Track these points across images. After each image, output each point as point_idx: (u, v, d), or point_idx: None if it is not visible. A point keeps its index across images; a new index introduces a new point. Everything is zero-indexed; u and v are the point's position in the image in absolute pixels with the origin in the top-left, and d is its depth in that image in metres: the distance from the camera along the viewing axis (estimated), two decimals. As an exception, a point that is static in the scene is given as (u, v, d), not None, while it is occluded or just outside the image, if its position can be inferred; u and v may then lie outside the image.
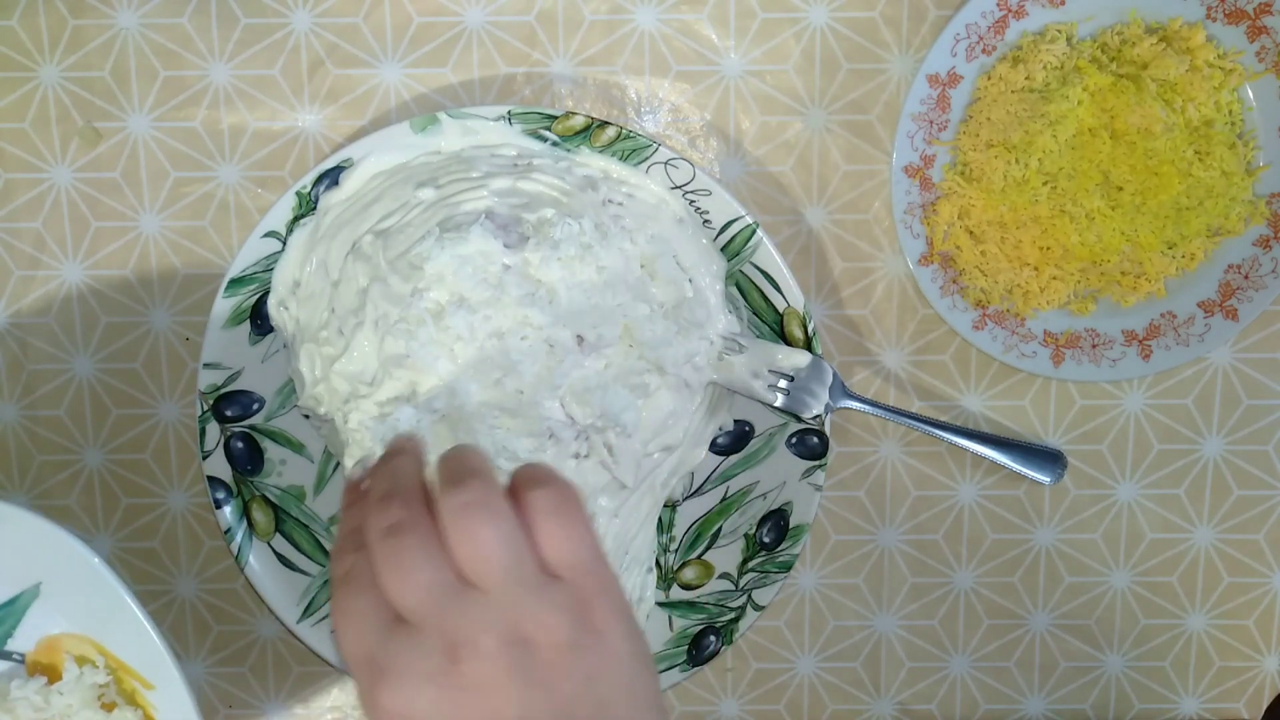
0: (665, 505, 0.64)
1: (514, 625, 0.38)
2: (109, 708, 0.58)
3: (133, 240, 0.65)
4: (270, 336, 0.63)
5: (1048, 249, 0.62)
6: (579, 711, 0.38)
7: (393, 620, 0.38)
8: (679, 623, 0.64)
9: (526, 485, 0.40)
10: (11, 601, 0.58)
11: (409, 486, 0.41)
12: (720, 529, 0.64)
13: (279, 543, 0.63)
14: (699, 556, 0.65)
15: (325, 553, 0.64)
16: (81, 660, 0.58)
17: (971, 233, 0.63)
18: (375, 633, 0.38)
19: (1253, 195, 0.62)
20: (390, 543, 0.38)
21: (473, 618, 0.38)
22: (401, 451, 0.43)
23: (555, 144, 0.62)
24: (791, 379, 0.62)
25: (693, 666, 0.64)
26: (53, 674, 0.58)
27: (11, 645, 0.59)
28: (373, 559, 0.39)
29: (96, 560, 0.55)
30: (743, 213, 0.61)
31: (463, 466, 0.40)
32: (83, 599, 0.57)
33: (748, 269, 0.62)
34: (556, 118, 0.61)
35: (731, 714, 0.69)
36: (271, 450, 0.63)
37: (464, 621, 0.38)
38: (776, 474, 0.64)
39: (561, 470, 0.58)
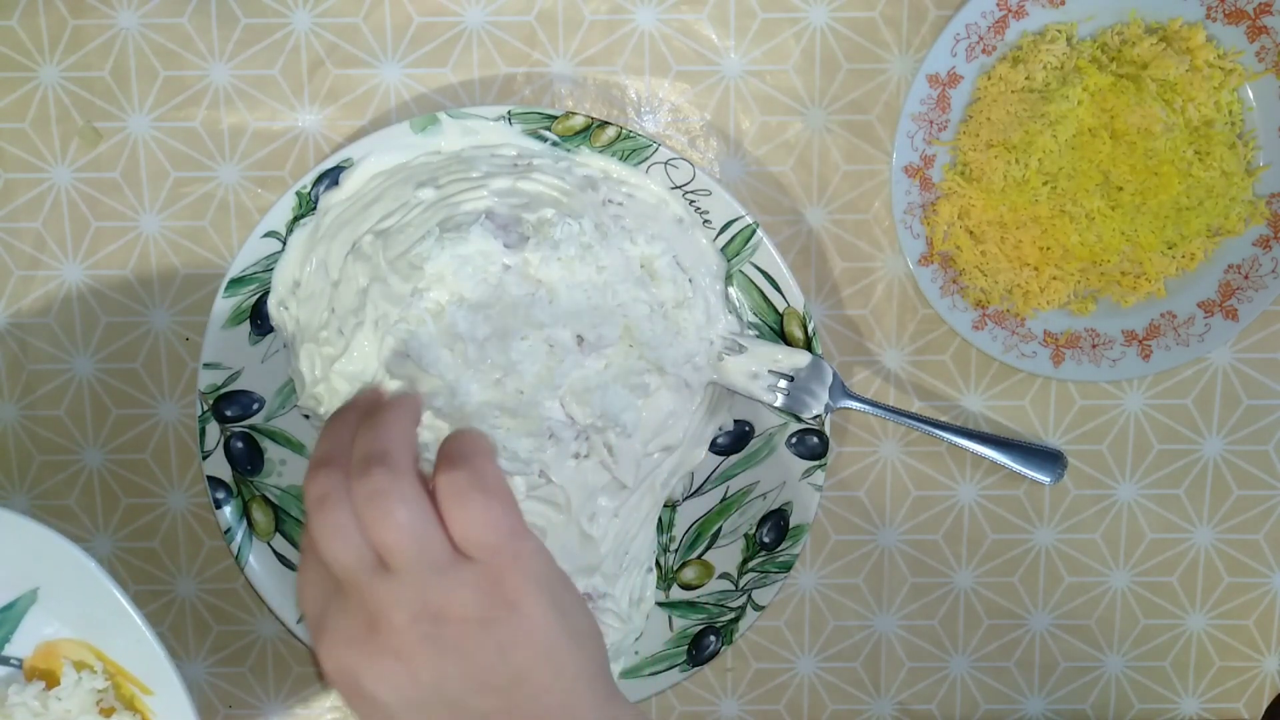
0: (665, 505, 0.64)
1: (423, 603, 0.40)
2: (107, 713, 0.58)
3: (133, 240, 0.65)
4: (270, 336, 0.63)
5: (1048, 249, 0.62)
6: (494, 679, 0.40)
7: (335, 584, 0.42)
8: (679, 623, 0.64)
9: (440, 466, 0.41)
10: (9, 606, 0.58)
11: (331, 454, 0.42)
12: (720, 529, 0.64)
13: (279, 543, 0.63)
14: (699, 556, 0.65)
15: (325, 553, 0.64)
16: (80, 665, 0.58)
17: (971, 233, 0.63)
18: (322, 595, 0.42)
19: (1253, 195, 0.62)
20: (322, 515, 0.40)
21: (384, 595, 0.40)
22: (385, 407, 0.43)
23: (555, 144, 0.62)
24: (791, 379, 0.62)
25: (693, 666, 0.64)
26: (51, 679, 0.58)
27: (9, 650, 0.59)
28: (309, 526, 0.41)
29: (93, 565, 0.55)
30: (743, 213, 0.61)
31: (374, 449, 0.41)
32: (81, 604, 0.57)
33: (748, 269, 0.62)
34: (556, 118, 0.61)
35: (731, 714, 0.69)
36: (271, 450, 0.63)
37: (378, 597, 0.40)
38: (776, 474, 0.64)
39: (561, 470, 0.58)
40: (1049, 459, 0.64)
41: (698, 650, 0.64)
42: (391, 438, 0.41)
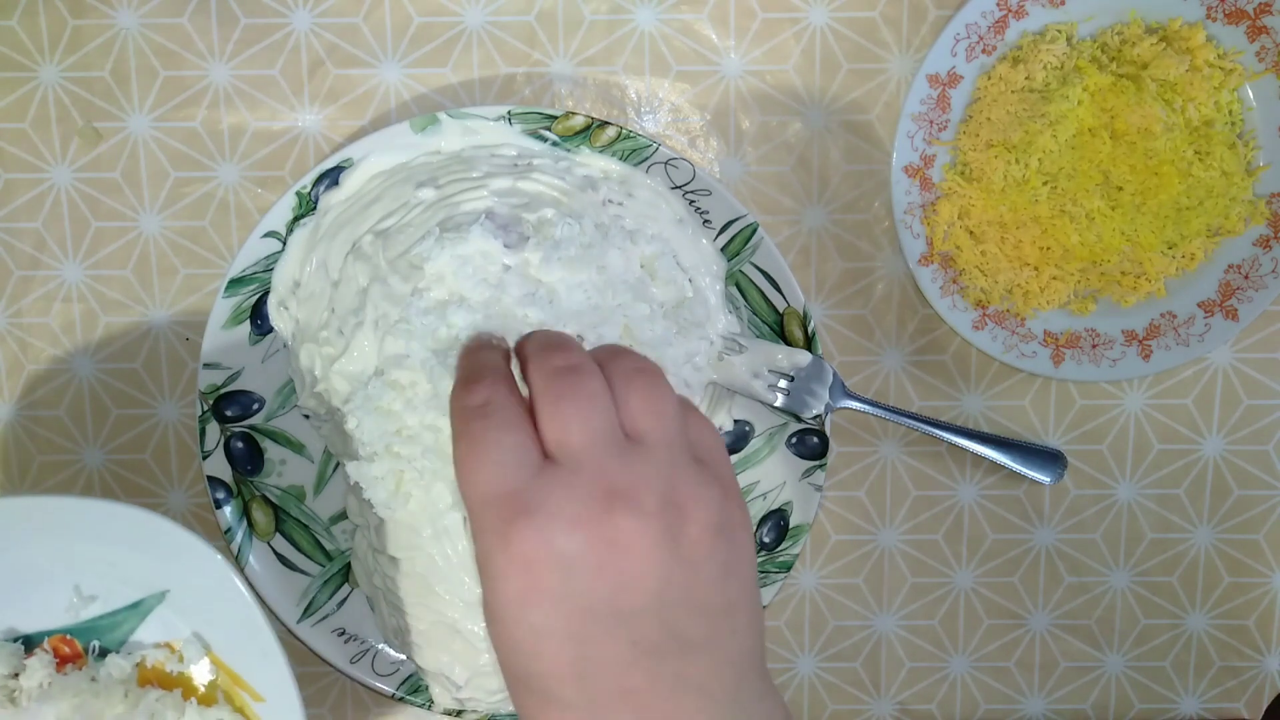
0: (665, 505, 0.64)
1: (674, 489, 0.36)
2: (207, 701, 0.58)
3: (133, 240, 0.65)
4: (270, 336, 0.63)
5: (1048, 249, 0.62)
6: (713, 601, 0.36)
7: (542, 460, 0.37)
8: (679, 623, 0.64)
9: (615, 360, 0.41)
10: (135, 605, 0.59)
11: (570, 340, 0.41)
12: (720, 529, 0.64)
13: (279, 543, 0.63)
14: (699, 556, 0.65)
15: (325, 553, 0.64)
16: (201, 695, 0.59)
17: (971, 233, 0.63)
18: (522, 468, 0.36)
19: (1253, 195, 0.62)
20: (568, 380, 0.37)
21: (639, 471, 0.36)
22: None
23: (555, 144, 0.62)
24: (791, 379, 0.62)
25: (693, 666, 0.64)
26: (163, 680, 0.59)
27: (128, 647, 0.59)
28: (541, 393, 0.37)
29: (230, 570, 0.55)
30: (743, 212, 0.61)
31: (616, 346, 0.40)
32: (209, 610, 0.58)
33: (748, 269, 0.62)
34: (556, 118, 0.61)
35: (731, 714, 0.69)
36: (271, 450, 0.63)
37: (629, 473, 0.36)
38: (776, 474, 0.64)
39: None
40: (1049, 459, 0.64)
41: (698, 650, 0.64)
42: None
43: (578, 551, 0.35)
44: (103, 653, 0.59)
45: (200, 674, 0.59)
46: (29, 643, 0.58)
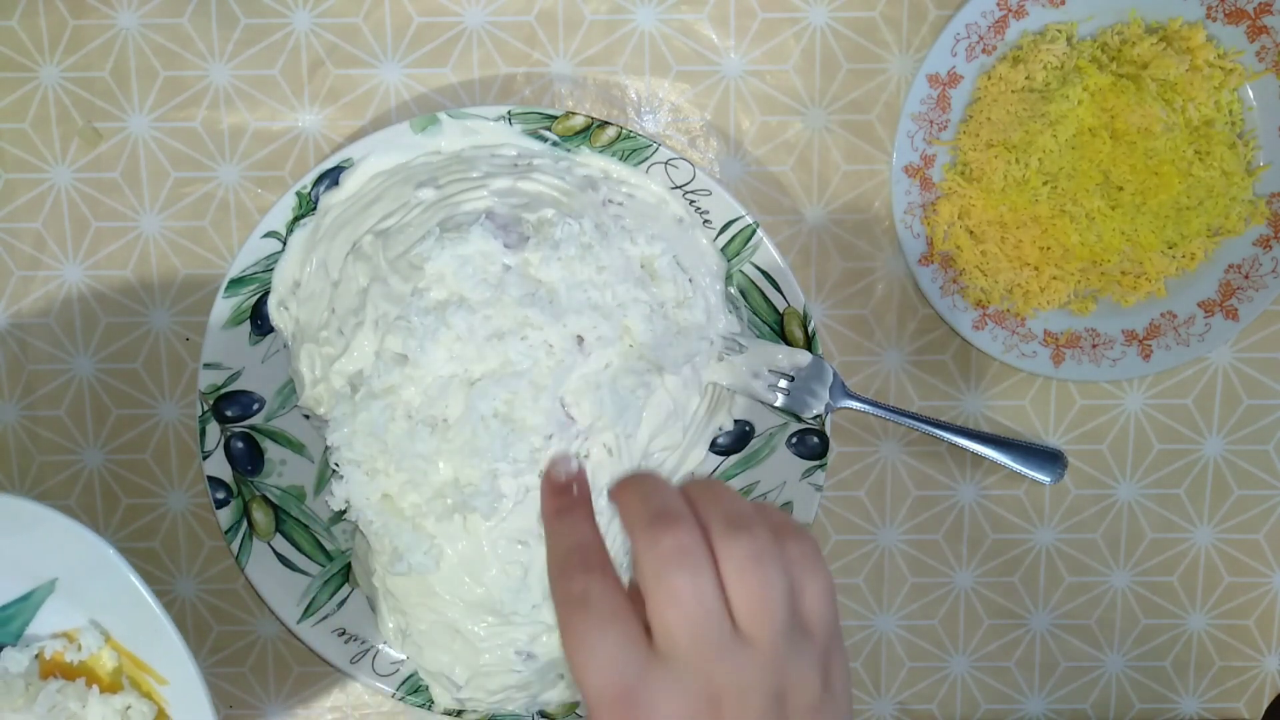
0: (665, 505, 0.64)
1: (779, 682, 0.36)
2: (113, 689, 0.58)
3: (133, 240, 0.65)
4: (270, 336, 0.63)
5: (1048, 249, 0.62)
6: None
7: (648, 653, 0.37)
8: (679, 623, 0.64)
9: (781, 533, 0.38)
10: (25, 597, 0.58)
11: (679, 511, 0.38)
12: (720, 529, 0.64)
13: (279, 543, 0.63)
14: (699, 556, 0.65)
15: (325, 553, 0.64)
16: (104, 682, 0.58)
17: (971, 233, 0.63)
18: (630, 664, 0.36)
19: (1253, 195, 0.62)
20: (674, 574, 0.36)
21: (745, 670, 0.36)
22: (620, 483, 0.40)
23: (555, 144, 0.62)
24: (792, 379, 0.62)
25: (693, 666, 0.64)
26: (64, 670, 0.58)
27: (26, 637, 0.59)
28: (647, 578, 0.37)
29: (113, 553, 0.54)
30: (743, 213, 0.61)
31: (734, 509, 0.38)
32: (99, 594, 0.57)
33: (748, 269, 0.62)
34: (556, 118, 0.61)
35: (732, 714, 0.69)
36: (271, 450, 0.63)
37: (736, 672, 0.36)
38: (777, 474, 0.64)
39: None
40: (1049, 459, 0.64)
41: (698, 650, 0.64)
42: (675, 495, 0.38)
43: None
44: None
45: (103, 661, 0.58)
46: None
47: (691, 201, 0.62)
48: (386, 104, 0.64)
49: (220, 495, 0.62)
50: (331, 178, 0.61)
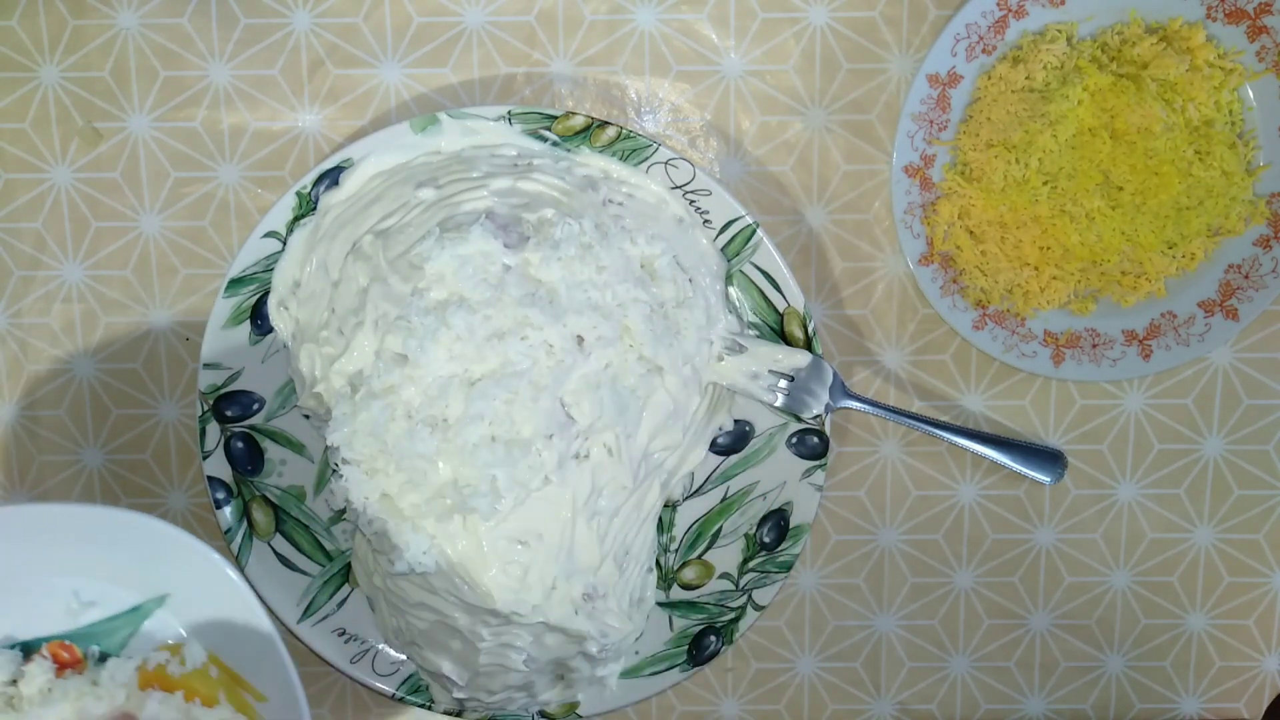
0: (665, 505, 0.64)
1: None
2: (209, 702, 0.58)
3: (133, 240, 0.65)
4: (270, 336, 0.63)
5: (1048, 249, 0.62)
6: None
7: None
8: (679, 623, 0.64)
9: None
10: (135, 609, 0.58)
11: None
12: (720, 529, 0.64)
13: (279, 543, 0.63)
14: (699, 556, 0.65)
15: (325, 553, 0.64)
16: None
17: (971, 232, 0.63)
18: None
19: (1253, 195, 0.62)
20: None
21: None
22: None
23: (555, 144, 0.62)
24: (791, 379, 0.62)
25: (693, 666, 0.64)
26: (164, 683, 0.59)
27: (127, 652, 0.59)
28: None
29: (233, 573, 0.55)
30: (743, 213, 0.61)
31: None
32: (209, 612, 0.57)
33: (748, 269, 0.62)
34: (556, 118, 0.61)
35: (731, 714, 0.69)
36: (271, 450, 0.63)
37: None
38: (777, 474, 0.64)
39: (562, 470, 0.58)
40: (1049, 459, 0.64)
41: (698, 650, 0.64)
42: None
43: None
44: (103, 657, 0.59)
45: (203, 675, 0.59)
46: (27, 649, 0.58)
47: (691, 201, 0.62)
48: (386, 104, 0.64)
49: (220, 495, 0.62)
50: (331, 178, 0.61)
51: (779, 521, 0.63)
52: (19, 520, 0.55)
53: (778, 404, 0.62)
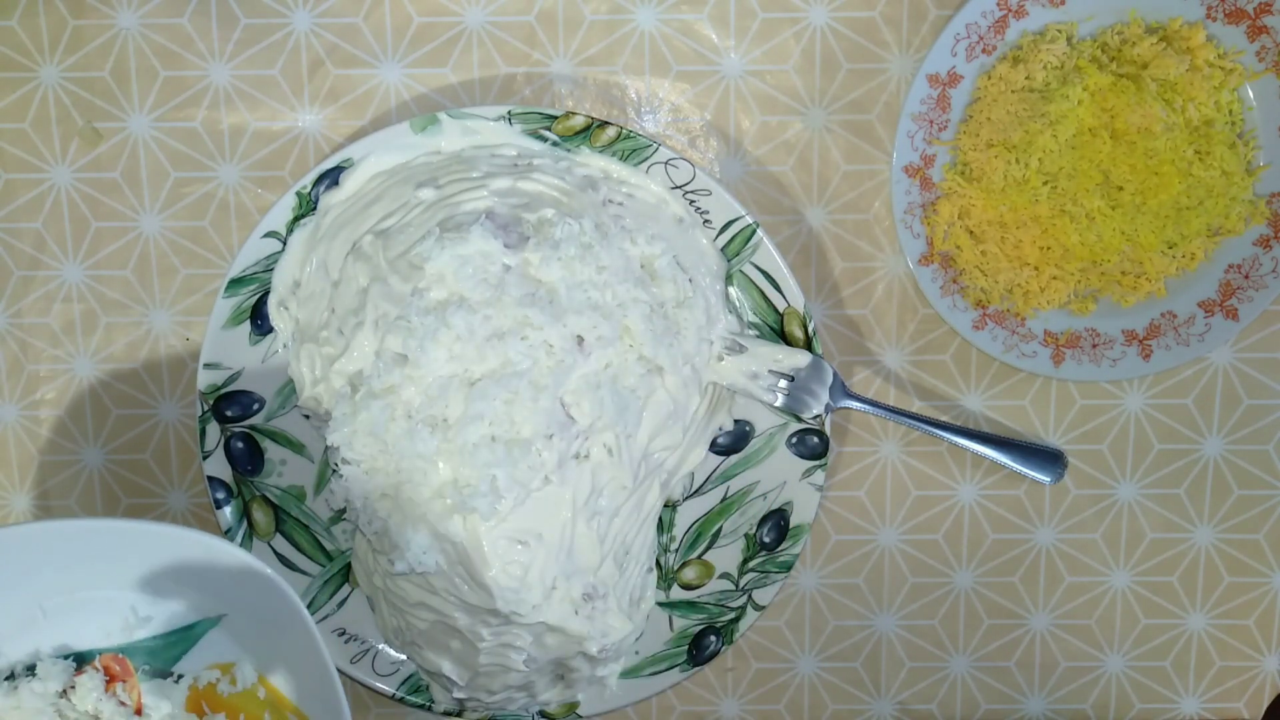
0: (665, 505, 0.64)
1: None
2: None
3: (133, 240, 0.65)
4: (270, 336, 0.63)
5: (1048, 249, 0.62)
6: None
7: None
8: (679, 623, 0.64)
9: None
10: (189, 627, 0.58)
11: None
12: (720, 529, 0.64)
13: (279, 543, 0.63)
14: (699, 556, 0.65)
15: (325, 553, 0.64)
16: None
17: (971, 232, 0.63)
18: None
19: (1253, 195, 0.62)
20: None
21: None
22: None
23: (555, 144, 0.62)
24: (791, 379, 0.62)
25: (693, 666, 0.64)
26: (212, 701, 0.58)
27: (179, 668, 0.59)
28: None
29: (294, 599, 0.54)
30: (743, 213, 0.61)
31: None
32: (265, 635, 0.57)
33: (748, 269, 0.62)
34: (556, 118, 0.61)
35: (731, 714, 0.69)
36: (271, 450, 0.63)
37: None
38: (777, 474, 0.64)
39: (562, 470, 0.58)
40: (1049, 459, 0.64)
41: (698, 650, 0.64)
42: None
43: None
44: (156, 673, 0.59)
45: (251, 696, 0.58)
46: (80, 660, 0.58)
47: (691, 201, 0.62)
48: (386, 104, 0.64)
49: (220, 495, 0.62)
50: (331, 178, 0.61)
51: (779, 521, 0.63)
52: (83, 534, 0.55)
53: (778, 404, 0.62)
